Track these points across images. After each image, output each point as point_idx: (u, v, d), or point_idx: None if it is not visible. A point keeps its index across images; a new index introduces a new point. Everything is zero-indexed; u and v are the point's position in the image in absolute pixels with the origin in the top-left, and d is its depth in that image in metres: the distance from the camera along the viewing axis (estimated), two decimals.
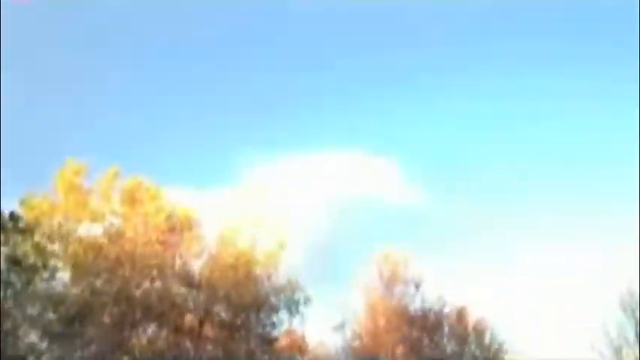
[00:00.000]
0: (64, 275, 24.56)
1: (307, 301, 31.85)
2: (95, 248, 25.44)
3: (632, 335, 52.04)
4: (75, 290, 24.75)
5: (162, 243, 27.18)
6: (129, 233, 26.49)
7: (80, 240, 25.20)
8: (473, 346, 44.81)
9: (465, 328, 44.23)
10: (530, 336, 57.20)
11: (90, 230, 26.00)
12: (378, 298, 40.87)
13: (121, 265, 25.72)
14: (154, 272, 26.85)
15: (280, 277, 31.54)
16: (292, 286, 31.49)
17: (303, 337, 33.58)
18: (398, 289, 41.74)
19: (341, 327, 39.93)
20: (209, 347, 29.39)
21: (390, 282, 41.50)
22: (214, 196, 34.42)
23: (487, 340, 45.17)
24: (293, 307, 31.68)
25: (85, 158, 26.78)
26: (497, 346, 45.18)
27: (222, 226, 30.37)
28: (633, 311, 51.98)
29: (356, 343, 40.20)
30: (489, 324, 45.30)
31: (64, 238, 24.51)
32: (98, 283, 25.27)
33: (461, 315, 44.02)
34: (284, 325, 31.84)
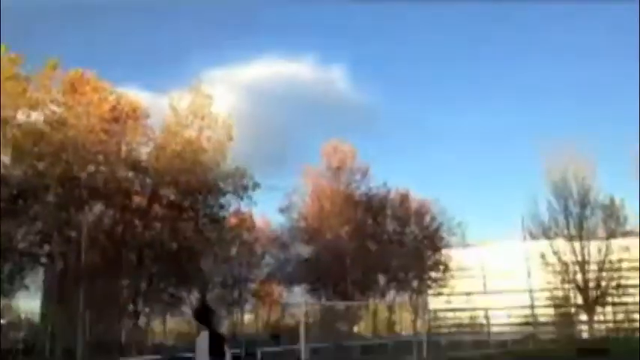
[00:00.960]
0: (4, 159, 22.40)
1: (255, 186, 30.17)
2: (36, 134, 23.20)
3: (561, 218, 51.24)
4: (17, 172, 22.70)
5: (107, 132, 24.96)
6: (71, 121, 24.15)
7: (19, 126, 22.91)
8: (413, 227, 43.79)
9: (407, 211, 43.00)
10: (466, 217, 56.28)
11: (30, 117, 23.64)
12: (325, 184, 39.27)
13: (64, 151, 23.56)
14: (99, 157, 24.73)
15: (229, 166, 29.80)
16: (240, 173, 29.70)
17: (250, 218, 32.05)
18: (345, 176, 40.11)
19: (287, 209, 38.59)
20: (158, 225, 27.80)
21: (337, 170, 39.81)
22: (165, 95, 31.99)
23: (427, 221, 44.15)
24: (241, 191, 30.05)
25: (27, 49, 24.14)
26: (435, 226, 44.21)
27: (169, 118, 28.11)
28: (564, 197, 50.83)
29: (302, 224, 38.91)
30: (429, 207, 44.22)
31: (2, 123, 22.15)
32: (41, 165, 23.20)
33: (403, 199, 42.69)
34: (232, 207, 30.41)
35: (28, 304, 28.49)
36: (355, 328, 46.29)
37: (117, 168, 25.12)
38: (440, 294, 48.47)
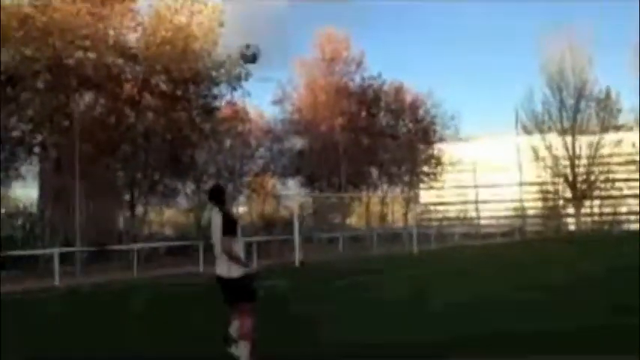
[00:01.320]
0: None
1: (247, 76, 29.52)
2: (20, 16, 22.30)
3: (555, 111, 51.21)
4: (4, 58, 22.01)
5: (93, 14, 23.93)
6: (56, 3, 23.13)
7: (3, 8, 21.96)
8: (407, 120, 43.68)
9: (401, 104, 42.70)
10: (460, 111, 56.13)
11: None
12: (319, 75, 38.66)
13: (50, 35, 22.71)
14: (87, 43, 23.90)
15: (220, 54, 29.00)
16: (232, 62, 28.96)
17: (244, 109, 31.68)
18: (339, 67, 39.45)
19: (281, 101, 38.22)
20: (150, 115, 27.45)
21: (331, 61, 39.06)
22: None
23: (421, 114, 43.98)
24: (234, 81, 29.47)
25: None
26: (429, 120, 44.12)
27: (158, 2, 26.98)
28: (560, 89, 50.51)
29: (295, 116, 38.70)
30: (423, 101, 43.90)
31: None
32: (28, 51, 22.46)
33: (398, 92, 42.26)
34: (225, 98, 29.93)
35: (26, 194, 28.70)
36: (347, 221, 47.29)
37: (105, 54, 24.33)
38: (431, 188, 49.24)
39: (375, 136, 40.57)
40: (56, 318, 10.99)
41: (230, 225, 5.85)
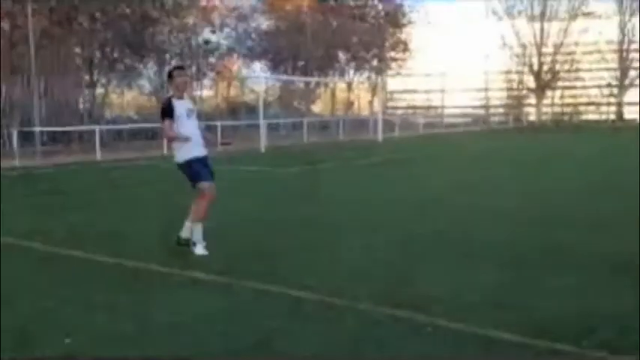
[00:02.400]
0: None
1: None
2: None
3: None
4: None
5: None
6: None
7: None
8: (376, 1, 42.42)
9: None
10: None
11: None
12: None
13: None
14: None
15: None
16: None
17: None
18: None
19: None
20: None
21: None
22: None
23: None
24: None
25: None
26: (398, 2, 42.96)
27: None
28: None
29: None
30: None
31: None
32: None
33: None
34: None
35: None
36: (313, 107, 46.98)
37: None
38: (398, 74, 48.83)
39: (343, 18, 39.38)
40: (15, 197, 10.82)
41: (162, 109, 5.95)
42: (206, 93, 39.24)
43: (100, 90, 31.17)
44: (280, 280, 4.97)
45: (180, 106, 5.95)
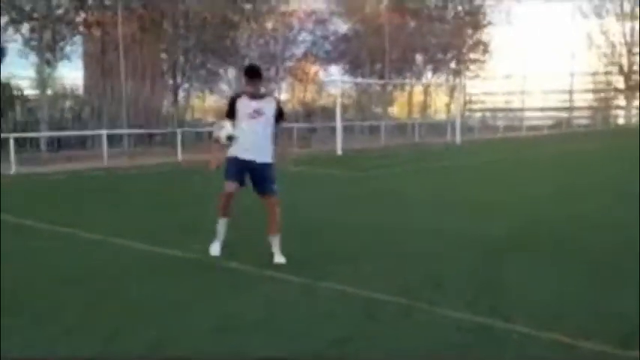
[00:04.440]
0: None
1: None
2: None
3: None
4: None
5: None
6: None
7: None
8: (456, 1, 41.67)
9: None
10: None
11: None
12: None
13: None
14: None
15: None
16: None
17: None
18: None
19: None
20: None
21: None
22: None
23: None
24: None
25: None
26: (479, 1, 42.02)
27: None
28: None
29: None
30: None
31: None
32: None
33: None
34: None
35: (71, 75, 28.88)
36: (390, 110, 46.69)
37: None
38: (477, 76, 47.74)
39: (421, 20, 38.96)
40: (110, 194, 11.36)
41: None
42: (283, 96, 39.83)
43: (182, 94, 32.28)
44: (357, 281, 4.96)
45: (246, 106, 5.58)
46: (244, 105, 5.59)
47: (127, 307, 4.47)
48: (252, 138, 5.54)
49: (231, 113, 5.63)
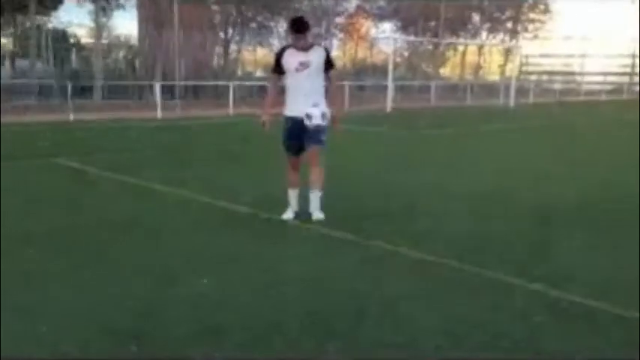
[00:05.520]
0: None
1: None
2: None
3: None
4: None
5: None
6: None
7: None
8: None
9: None
10: None
11: None
12: None
13: None
14: None
15: None
16: None
17: None
18: None
19: None
20: None
21: None
22: None
23: None
24: None
25: None
26: None
27: None
28: None
29: None
30: None
31: None
32: None
33: None
34: None
35: (125, 26, 29.26)
36: (442, 71, 45.72)
37: None
38: (536, 37, 46.08)
39: None
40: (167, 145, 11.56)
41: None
42: (334, 53, 39.42)
43: (233, 47, 32.32)
44: (406, 241, 4.93)
45: (293, 58, 5.39)
46: (292, 57, 5.42)
47: (181, 255, 4.57)
48: (301, 91, 5.41)
49: (278, 68, 5.51)
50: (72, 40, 25.82)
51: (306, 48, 5.40)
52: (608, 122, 20.45)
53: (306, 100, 5.38)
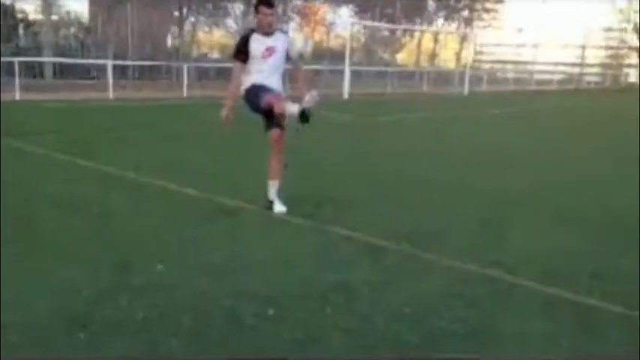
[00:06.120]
0: None
1: None
2: None
3: None
4: None
5: None
6: None
7: None
8: None
9: None
10: None
11: None
12: None
13: None
14: None
15: None
16: None
17: None
18: None
19: None
20: None
21: None
22: None
23: None
24: None
25: None
26: None
27: None
28: None
29: None
30: None
31: None
32: None
33: None
34: None
35: (76, 2, 28.27)
36: (398, 56, 45.97)
37: None
38: (489, 26, 46.87)
39: None
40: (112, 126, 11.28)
41: (235, 46, 5.27)
42: (290, 36, 39.13)
43: (188, 26, 31.66)
44: (364, 227, 4.94)
45: (257, 45, 5.13)
46: (258, 42, 5.16)
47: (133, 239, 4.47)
48: (265, 79, 5.17)
49: (243, 53, 5.16)
50: (20, 16, 24.81)
51: (270, 33, 5.18)
52: (558, 112, 20.98)
53: (271, 85, 5.19)
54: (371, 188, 6.66)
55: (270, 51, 5.14)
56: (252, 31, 5.24)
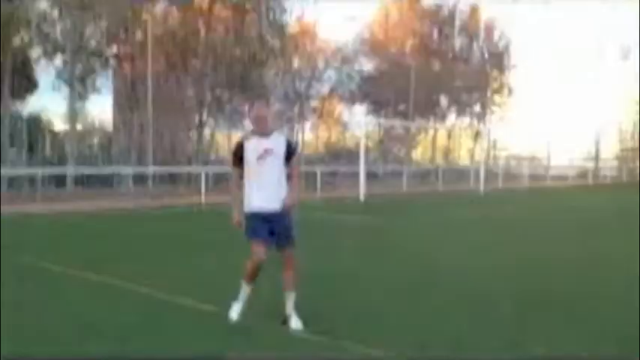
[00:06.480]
0: None
1: None
2: None
3: None
4: None
5: None
6: None
7: None
8: (482, 42, 42.06)
9: (476, 24, 41.05)
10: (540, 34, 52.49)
11: None
12: None
13: None
14: None
15: None
16: None
17: (314, 26, 31.20)
18: None
19: (353, 19, 37.62)
20: (220, 28, 27.50)
21: None
22: None
23: (496, 38, 42.37)
24: None
25: None
26: (504, 44, 42.48)
27: None
28: None
29: (366, 35, 37.82)
30: (499, 23, 42.24)
31: None
32: None
33: (473, 12, 40.61)
34: (295, 13, 29.85)
35: (100, 109, 29.47)
36: (413, 153, 46.72)
37: None
38: (502, 119, 47.76)
39: (446, 61, 39.38)
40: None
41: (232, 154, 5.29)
42: (307, 136, 40.09)
43: (207, 131, 32.65)
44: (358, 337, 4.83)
45: (253, 148, 5.05)
46: (252, 146, 5.08)
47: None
48: (265, 181, 5.06)
49: (240, 160, 5.12)
50: (46, 127, 25.92)
51: (267, 134, 5.14)
52: (578, 213, 20.86)
53: (271, 191, 5.08)
54: (391, 299, 6.54)
55: (268, 152, 5.07)
56: (248, 135, 5.20)
